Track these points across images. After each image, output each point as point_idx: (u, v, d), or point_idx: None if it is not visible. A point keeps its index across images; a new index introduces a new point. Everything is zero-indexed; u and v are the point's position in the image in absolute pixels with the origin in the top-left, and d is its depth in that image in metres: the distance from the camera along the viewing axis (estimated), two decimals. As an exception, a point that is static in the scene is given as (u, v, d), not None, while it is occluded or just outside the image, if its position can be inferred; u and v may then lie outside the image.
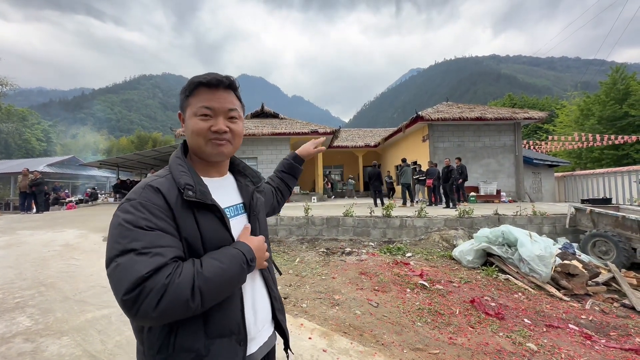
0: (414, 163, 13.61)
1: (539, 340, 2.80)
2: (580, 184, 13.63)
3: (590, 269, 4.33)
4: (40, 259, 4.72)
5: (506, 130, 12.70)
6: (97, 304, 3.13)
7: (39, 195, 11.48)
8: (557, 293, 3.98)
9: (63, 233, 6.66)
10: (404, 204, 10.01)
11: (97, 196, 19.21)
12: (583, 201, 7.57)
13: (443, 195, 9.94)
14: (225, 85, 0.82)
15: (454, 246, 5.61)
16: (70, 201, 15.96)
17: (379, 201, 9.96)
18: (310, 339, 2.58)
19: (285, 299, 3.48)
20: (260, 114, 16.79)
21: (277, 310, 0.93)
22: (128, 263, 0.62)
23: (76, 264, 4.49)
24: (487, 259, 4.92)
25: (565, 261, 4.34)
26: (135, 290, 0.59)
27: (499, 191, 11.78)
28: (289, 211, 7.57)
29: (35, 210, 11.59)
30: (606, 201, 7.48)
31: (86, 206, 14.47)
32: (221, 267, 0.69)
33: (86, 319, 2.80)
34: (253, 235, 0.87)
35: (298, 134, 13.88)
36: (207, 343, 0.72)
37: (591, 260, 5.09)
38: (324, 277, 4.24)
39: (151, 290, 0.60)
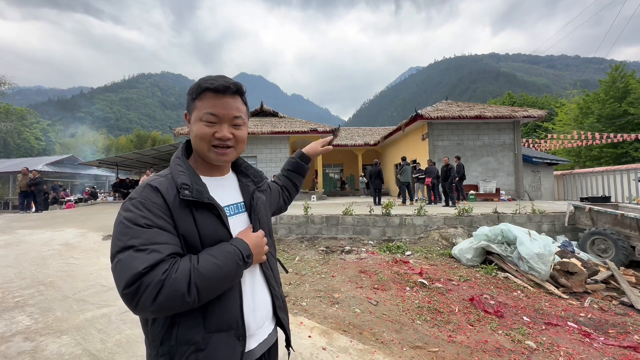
0: (414, 161, 13.61)
1: (538, 338, 2.80)
2: (579, 182, 13.66)
3: (589, 267, 4.34)
4: (40, 258, 4.71)
5: (505, 128, 12.70)
6: (97, 303, 3.13)
7: (38, 195, 11.47)
8: (556, 291, 3.99)
9: (62, 232, 6.65)
10: (404, 202, 10.01)
11: (97, 195, 19.16)
12: (582, 199, 7.58)
13: (442, 194, 9.95)
14: (232, 91, 0.83)
15: (454, 244, 5.61)
16: (70, 200, 15.93)
17: (377, 199, 9.96)
18: (310, 337, 2.58)
19: (285, 297, 3.48)
20: (260, 113, 16.76)
21: (278, 308, 0.94)
22: (127, 259, 0.65)
23: (75, 263, 4.49)
24: (487, 257, 4.93)
25: (564, 259, 4.35)
26: (133, 285, 0.63)
27: (498, 189, 11.80)
28: (288, 210, 7.55)
29: (34, 210, 11.58)
30: (605, 199, 7.48)
31: (85, 205, 14.44)
32: (216, 264, 0.71)
33: (86, 317, 2.80)
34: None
35: (297, 132, 13.87)
36: (206, 337, 0.75)
37: (590, 258, 5.10)
38: (323, 276, 4.24)
39: (148, 285, 0.63)
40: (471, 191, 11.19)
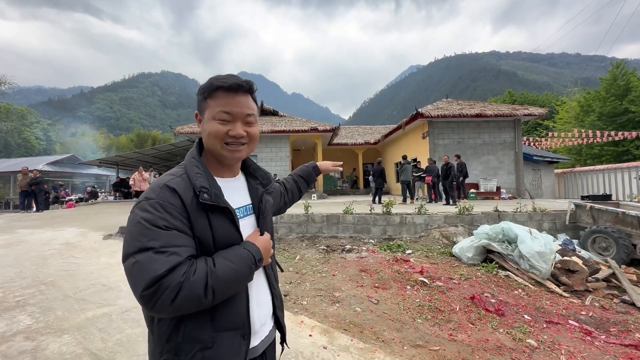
0: (414, 160, 13.59)
1: (539, 336, 2.80)
2: (580, 181, 13.64)
3: (590, 265, 4.33)
4: (40, 257, 4.72)
5: (506, 127, 12.68)
6: (98, 302, 3.13)
7: (38, 194, 11.47)
8: (557, 289, 3.98)
9: (63, 232, 6.66)
10: (404, 201, 10.01)
11: (97, 195, 19.18)
12: (583, 197, 7.56)
13: (443, 192, 9.94)
14: (244, 89, 0.84)
15: (454, 243, 5.61)
16: (70, 200, 15.95)
17: (377, 198, 9.95)
18: (310, 336, 2.58)
19: (285, 296, 3.48)
20: (260, 112, 16.75)
21: (277, 308, 0.97)
22: (146, 261, 0.65)
23: (76, 263, 4.49)
24: (487, 255, 4.92)
25: (565, 257, 4.34)
26: (153, 287, 0.63)
27: (499, 188, 11.78)
28: (289, 209, 7.48)
29: (35, 209, 11.59)
30: (606, 197, 7.46)
31: (86, 205, 14.46)
32: (233, 268, 0.73)
33: (87, 317, 2.80)
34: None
35: (297, 131, 13.86)
36: (213, 335, 0.76)
37: (591, 256, 5.10)
38: (324, 275, 4.24)
39: (167, 287, 0.64)
40: (472, 190, 11.17)
